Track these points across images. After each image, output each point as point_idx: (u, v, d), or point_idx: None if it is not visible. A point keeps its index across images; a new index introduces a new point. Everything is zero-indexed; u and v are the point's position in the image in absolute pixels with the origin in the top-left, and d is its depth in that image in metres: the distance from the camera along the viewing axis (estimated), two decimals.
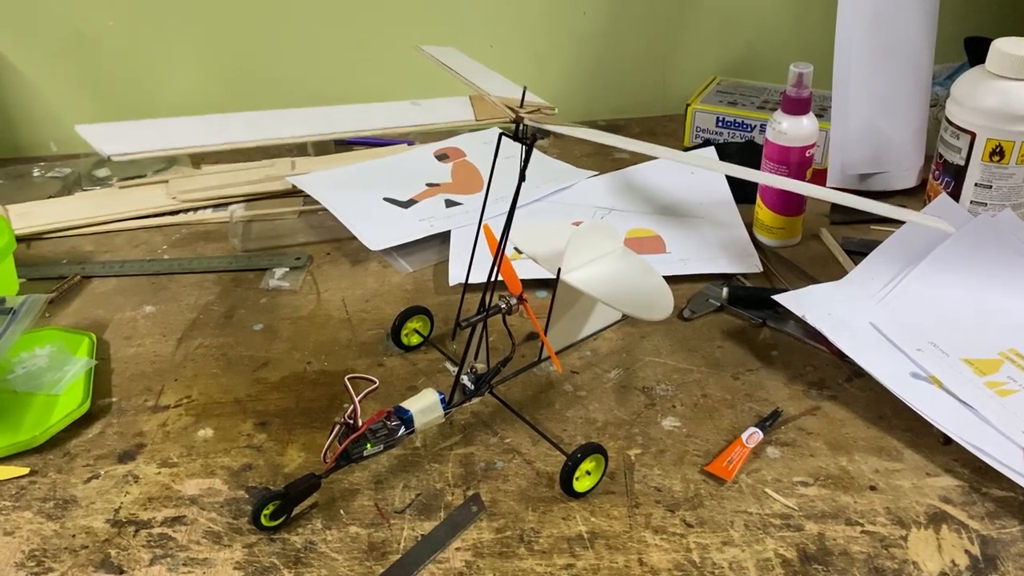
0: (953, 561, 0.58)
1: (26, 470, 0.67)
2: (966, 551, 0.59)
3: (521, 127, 0.60)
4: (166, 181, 1.06)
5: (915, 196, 1.00)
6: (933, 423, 0.66)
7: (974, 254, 0.81)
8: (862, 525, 0.61)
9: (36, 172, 1.12)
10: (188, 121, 0.56)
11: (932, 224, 0.58)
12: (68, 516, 0.63)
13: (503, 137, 0.63)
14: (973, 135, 0.85)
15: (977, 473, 0.64)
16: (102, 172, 1.10)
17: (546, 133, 0.59)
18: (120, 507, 0.64)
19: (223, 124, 0.56)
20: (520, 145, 0.60)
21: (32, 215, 1.00)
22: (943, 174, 0.90)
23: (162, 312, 0.85)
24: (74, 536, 0.62)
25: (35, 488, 0.66)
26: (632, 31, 1.21)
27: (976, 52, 1.06)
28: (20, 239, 0.93)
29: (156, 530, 0.62)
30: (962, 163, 0.87)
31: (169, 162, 1.11)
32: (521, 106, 0.60)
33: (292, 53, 1.16)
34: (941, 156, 0.90)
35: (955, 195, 0.88)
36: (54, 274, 0.91)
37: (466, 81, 0.65)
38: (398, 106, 0.57)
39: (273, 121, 0.57)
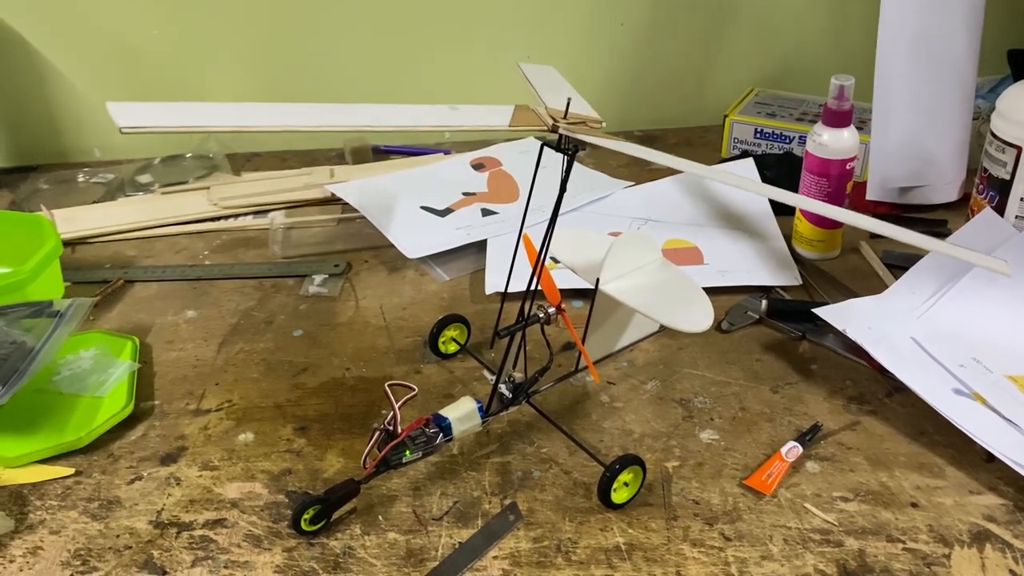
0: None
1: (71, 470, 0.68)
2: (1010, 571, 0.58)
3: (563, 138, 0.60)
4: (207, 188, 1.08)
5: (956, 210, 0.99)
6: (976, 440, 0.65)
7: (1019, 269, 0.79)
8: (903, 542, 0.60)
9: (81, 178, 1.14)
10: (213, 106, 0.57)
11: (989, 266, 0.57)
12: (112, 516, 0.64)
13: (544, 148, 0.63)
14: (1019, 149, 0.84)
15: (1022, 492, 0.63)
16: (145, 178, 1.12)
17: (580, 144, 0.59)
18: (162, 509, 0.65)
19: (250, 111, 0.56)
20: (561, 156, 0.60)
21: (77, 220, 1.02)
22: (987, 188, 0.89)
23: (203, 317, 0.86)
24: (118, 536, 0.63)
25: (80, 488, 0.67)
26: (670, 42, 1.21)
27: (1020, 65, 1.04)
28: (65, 243, 0.95)
29: (198, 532, 0.63)
30: (1007, 177, 0.86)
31: (211, 168, 1.13)
32: (565, 116, 0.60)
33: (336, 61, 1.18)
34: (986, 170, 0.89)
35: (999, 209, 0.87)
36: (98, 278, 0.93)
37: (533, 91, 0.65)
38: (436, 108, 0.58)
39: (310, 111, 0.57)
